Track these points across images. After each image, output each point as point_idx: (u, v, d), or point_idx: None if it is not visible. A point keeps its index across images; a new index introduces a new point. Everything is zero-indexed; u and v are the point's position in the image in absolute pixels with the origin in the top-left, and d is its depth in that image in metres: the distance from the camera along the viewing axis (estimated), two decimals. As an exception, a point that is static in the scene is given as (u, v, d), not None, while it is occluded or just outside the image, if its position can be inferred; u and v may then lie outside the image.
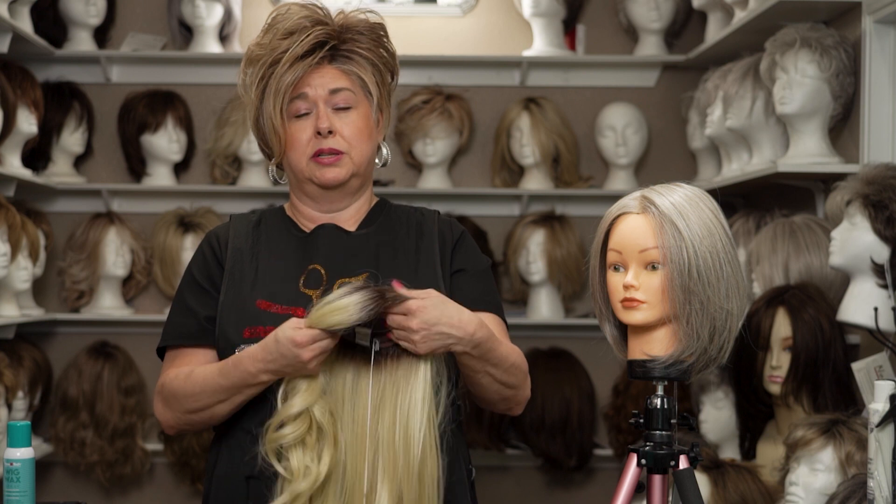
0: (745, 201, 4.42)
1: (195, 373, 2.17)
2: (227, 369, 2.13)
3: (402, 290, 2.03)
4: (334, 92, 2.21)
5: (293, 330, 2.04)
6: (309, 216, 2.28)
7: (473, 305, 2.20)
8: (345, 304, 2.00)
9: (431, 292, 2.05)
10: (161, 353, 2.28)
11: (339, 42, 2.22)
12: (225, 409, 2.15)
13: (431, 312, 2.02)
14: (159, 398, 2.23)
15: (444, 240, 2.27)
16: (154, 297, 4.88)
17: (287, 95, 2.20)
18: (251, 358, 2.09)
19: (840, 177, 3.27)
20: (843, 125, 3.61)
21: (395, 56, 2.30)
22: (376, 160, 2.30)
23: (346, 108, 2.22)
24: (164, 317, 4.63)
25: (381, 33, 2.27)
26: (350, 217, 2.28)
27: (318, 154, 2.21)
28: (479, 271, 2.27)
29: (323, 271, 2.20)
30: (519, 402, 2.26)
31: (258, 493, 2.13)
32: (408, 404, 2.05)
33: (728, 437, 3.72)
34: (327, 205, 2.27)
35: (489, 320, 2.23)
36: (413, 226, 2.28)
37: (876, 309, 2.94)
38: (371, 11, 2.27)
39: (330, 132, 2.20)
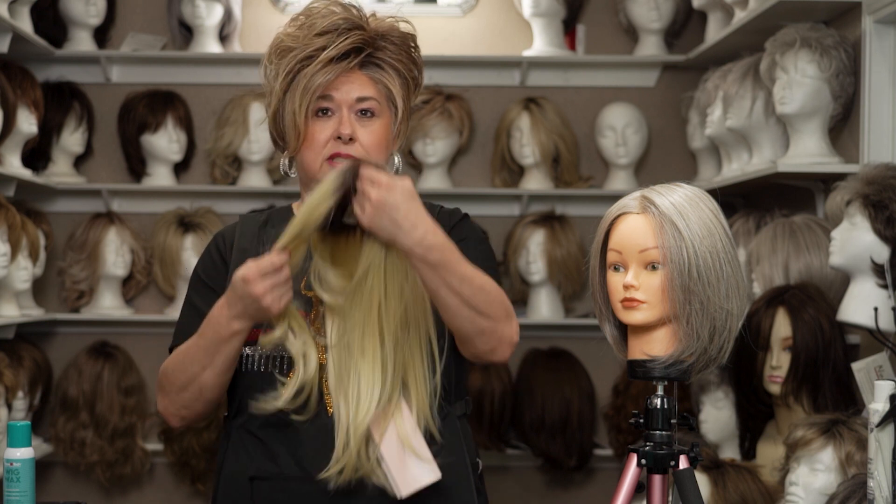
0: (745, 201, 4.42)
1: (180, 347, 2.17)
2: (204, 328, 2.12)
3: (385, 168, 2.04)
4: (361, 100, 2.20)
5: (243, 267, 2.04)
6: None
7: None
8: (320, 192, 2.01)
9: (408, 181, 2.00)
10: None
11: (372, 49, 2.21)
12: (209, 376, 2.12)
13: (395, 197, 1.97)
14: (158, 389, 2.22)
15: (444, 229, 2.26)
16: (154, 297, 4.88)
17: (315, 95, 2.18)
18: (219, 307, 2.09)
19: (840, 177, 3.27)
20: (843, 125, 3.61)
21: (421, 69, 2.28)
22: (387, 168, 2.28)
23: (370, 117, 2.21)
24: (164, 317, 4.69)
25: (412, 44, 2.26)
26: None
27: (334, 157, 2.19)
28: (472, 241, 2.23)
29: None
30: (501, 340, 2.11)
31: (262, 493, 2.13)
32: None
33: (728, 437, 3.72)
34: None
35: None
36: None
37: (876, 309, 2.94)
38: (405, 21, 2.25)
39: (351, 139, 2.19)
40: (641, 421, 1.99)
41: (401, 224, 1.98)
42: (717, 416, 3.74)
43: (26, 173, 4.27)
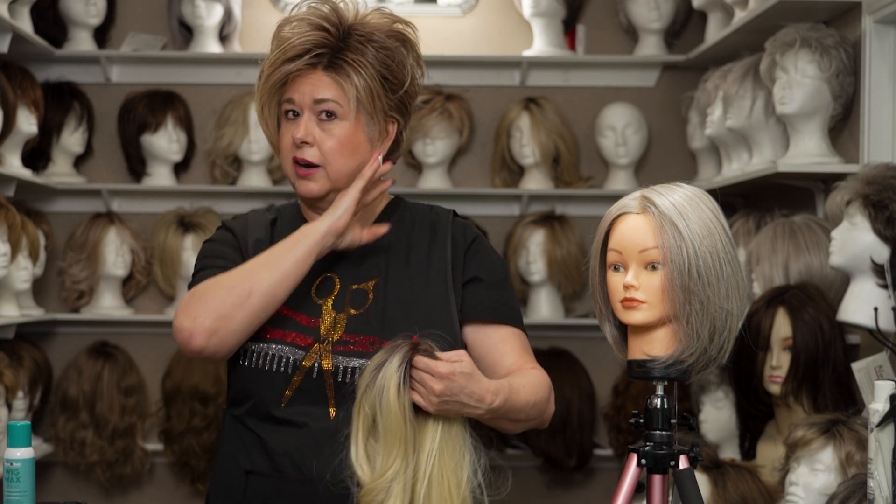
0: (745, 201, 4.42)
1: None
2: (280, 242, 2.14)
3: (436, 352, 2.01)
4: (319, 101, 2.17)
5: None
6: (313, 219, 2.24)
7: (490, 318, 2.19)
8: (386, 392, 1.99)
9: (463, 356, 2.02)
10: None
11: (336, 50, 2.17)
12: (266, 279, 2.08)
13: (458, 382, 1.99)
14: (184, 308, 2.11)
15: (457, 245, 2.23)
16: (154, 297, 4.88)
17: (274, 98, 2.19)
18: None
19: (840, 177, 3.27)
20: (843, 125, 3.61)
21: (407, 69, 2.21)
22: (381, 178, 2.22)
23: (331, 119, 2.17)
24: (164, 317, 4.70)
25: (396, 45, 2.20)
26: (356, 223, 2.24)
27: (297, 162, 2.19)
28: (495, 281, 2.23)
29: (336, 279, 2.19)
30: (545, 422, 2.24)
31: (256, 487, 2.13)
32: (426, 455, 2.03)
33: (728, 437, 3.72)
34: (319, 213, 2.23)
35: (508, 335, 2.21)
36: (426, 227, 2.25)
37: (876, 309, 2.94)
38: (403, 22, 2.22)
39: (305, 142, 2.17)
40: (641, 421, 1.99)
41: (467, 402, 2.02)
42: (717, 416, 3.74)
43: (26, 173, 4.27)
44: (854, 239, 2.97)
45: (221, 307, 2.08)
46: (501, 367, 2.19)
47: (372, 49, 2.18)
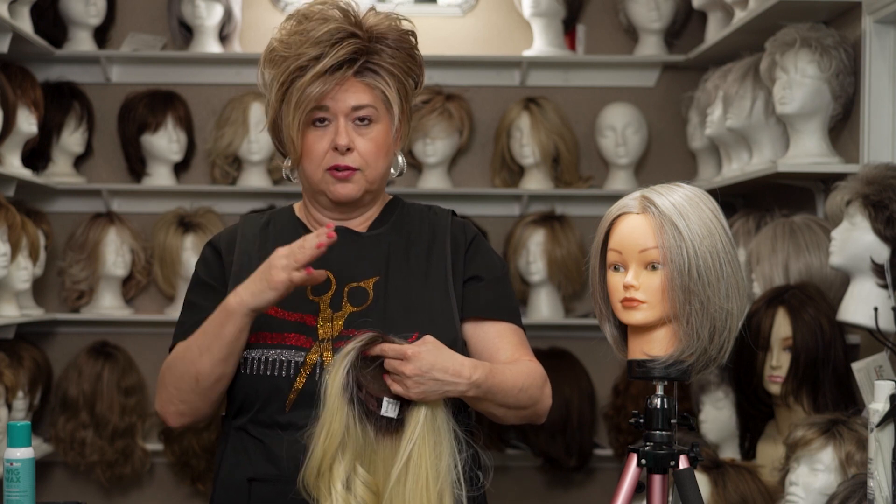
0: (745, 201, 4.42)
1: (185, 340, 2.18)
2: (212, 314, 2.13)
3: (398, 340, 2.03)
4: (357, 108, 2.17)
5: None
6: (320, 221, 2.25)
7: (488, 315, 2.19)
8: (331, 386, 2.00)
9: (428, 339, 2.03)
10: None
11: (367, 55, 2.17)
12: (206, 362, 2.11)
13: (426, 358, 2.00)
14: (158, 386, 2.21)
15: (457, 244, 2.24)
16: (154, 297, 4.88)
17: (308, 108, 2.15)
18: (235, 290, 2.10)
19: (840, 177, 3.27)
20: (843, 125, 3.61)
21: (421, 65, 2.26)
22: (392, 170, 2.26)
23: (367, 124, 2.18)
24: (164, 317, 4.70)
25: (412, 42, 2.22)
26: (361, 222, 2.25)
27: (334, 169, 2.17)
28: (494, 278, 2.23)
29: (332, 277, 2.18)
30: (540, 415, 2.22)
31: (260, 494, 2.13)
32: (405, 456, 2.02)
33: (728, 437, 3.72)
34: (338, 214, 2.24)
35: (505, 330, 2.21)
36: (426, 226, 2.25)
37: (876, 309, 2.94)
38: (406, 19, 2.23)
39: (348, 149, 2.17)
40: (641, 421, 1.99)
41: (443, 378, 2.02)
42: (717, 416, 3.74)
43: (26, 173, 4.27)
44: (854, 239, 2.97)
45: (178, 393, 2.17)
46: (497, 362, 2.18)
47: (394, 52, 2.19)
